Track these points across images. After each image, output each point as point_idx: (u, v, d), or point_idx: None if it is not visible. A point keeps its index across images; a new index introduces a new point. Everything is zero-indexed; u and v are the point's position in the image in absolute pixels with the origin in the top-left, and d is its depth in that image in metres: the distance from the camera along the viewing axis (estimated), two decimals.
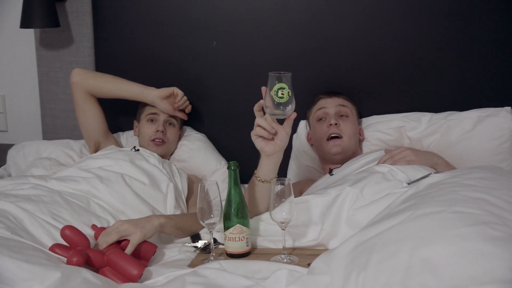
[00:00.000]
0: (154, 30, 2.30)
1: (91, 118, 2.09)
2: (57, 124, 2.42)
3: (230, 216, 1.52)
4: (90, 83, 2.07)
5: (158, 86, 2.22)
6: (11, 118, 2.61)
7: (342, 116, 1.99)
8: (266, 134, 1.52)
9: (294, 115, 1.51)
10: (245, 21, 2.23)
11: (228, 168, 1.54)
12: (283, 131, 1.53)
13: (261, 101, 1.52)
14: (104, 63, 2.36)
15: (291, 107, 1.49)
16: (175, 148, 2.17)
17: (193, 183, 2.03)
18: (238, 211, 1.52)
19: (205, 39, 2.26)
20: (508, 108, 1.96)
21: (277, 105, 1.47)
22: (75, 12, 2.32)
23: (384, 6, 2.12)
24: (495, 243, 0.98)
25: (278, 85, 1.46)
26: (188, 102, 2.16)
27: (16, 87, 2.57)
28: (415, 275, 0.96)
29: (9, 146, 2.29)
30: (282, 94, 1.46)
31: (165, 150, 2.07)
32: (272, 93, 1.46)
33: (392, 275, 0.98)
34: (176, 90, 2.09)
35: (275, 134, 1.53)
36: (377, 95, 2.18)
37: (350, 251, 1.14)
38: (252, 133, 1.55)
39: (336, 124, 1.95)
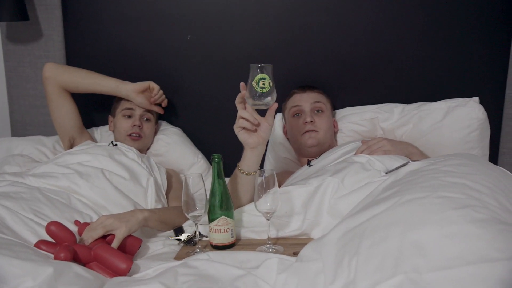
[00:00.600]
0: (126, 23, 2.28)
1: (65, 113, 2.06)
2: (26, 121, 2.37)
3: (215, 208, 1.53)
4: (64, 78, 2.04)
5: (132, 80, 2.20)
6: None
7: (317, 111, 2.03)
8: (249, 125, 1.54)
9: (276, 105, 1.54)
10: (220, 14, 2.24)
11: (212, 160, 1.55)
12: (266, 123, 1.56)
13: (242, 93, 1.54)
14: (75, 57, 2.33)
15: (272, 98, 1.51)
16: (152, 143, 2.17)
17: (171, 177, 2.03)
18: (222, 203, 1.53)
19: (179, 33, 2.26)
20: (476, 98, 2.05)
21: (259, 96, 1.49)
22: (43, 5, 2.28)
23: (357, 3, 2.17)
24: (478, 224, 1.03)
25: (259, 75, 1.48)
26: (164, 96, 2.15)
27: None
28: (406, 258, 1.00)
29: None
30: (263, 84, 1.48)
31: (142, 144, 2.06)
32: (254, 83, 1.48)
33: (385, 258, 1.02)
34: (152, 84, 2.09)
35: (258, 125, 1.56)
36: (351, 87, 2.24)
37: (339, 238, 1.17)
38: (235, 126, 1.57)
39: (311, 121, 1.99)
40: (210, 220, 1.54)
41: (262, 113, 1.57)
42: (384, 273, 0.99)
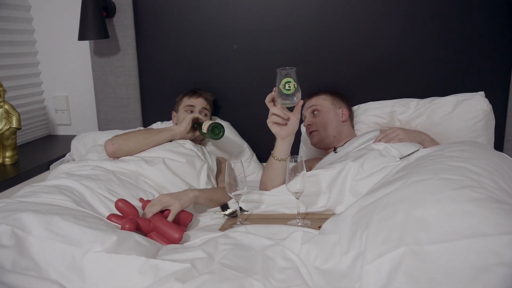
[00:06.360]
0: (185, 37, 2.28)
1: None
2: (109, 118, 2.43)
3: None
4: (124, 151, 1.78)
5: (190, 83, 2.22)
6: (74, 114, 2.63)
7: (314, 112, 1.97)
8: (280, 120, 1.50)
9: (301, 102, 1.48)
10: (260, 29, 2.20)
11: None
12: (293, 117, 1.52)
13: (271, 94, 1.49)
14: (145, 66, 2.35)
15: (297, 97, 1.46)
16: None
17: (221, 163, 2.01)
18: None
19: (227, 43, 2.24)
20: (482, 92, 1.91)
21: (286, 96, 1.44)
22: (120, 26, 2.31)
23: (379, 13, 2.08)
24: (475, 203, 0.95)
25: (285, 80, 1.43)
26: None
27: (76, 88, 2.59)
28: (410, 232, 0.93)
29: (73, 136, 2.31)
30: (289, 87, 1.43)
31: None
32: (281, 86, 1.43)
33: (391, 232, 0.96)
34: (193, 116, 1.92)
35: (288, 119, 1.51)
36: (373, 85, 2.14)
37: (354, 214, 1.12)
38: (268, 121, 1.53)
39: (309, 125, 1.95)
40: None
41: (289, 108, 1.52)
42: (389, 245, 0.93)
